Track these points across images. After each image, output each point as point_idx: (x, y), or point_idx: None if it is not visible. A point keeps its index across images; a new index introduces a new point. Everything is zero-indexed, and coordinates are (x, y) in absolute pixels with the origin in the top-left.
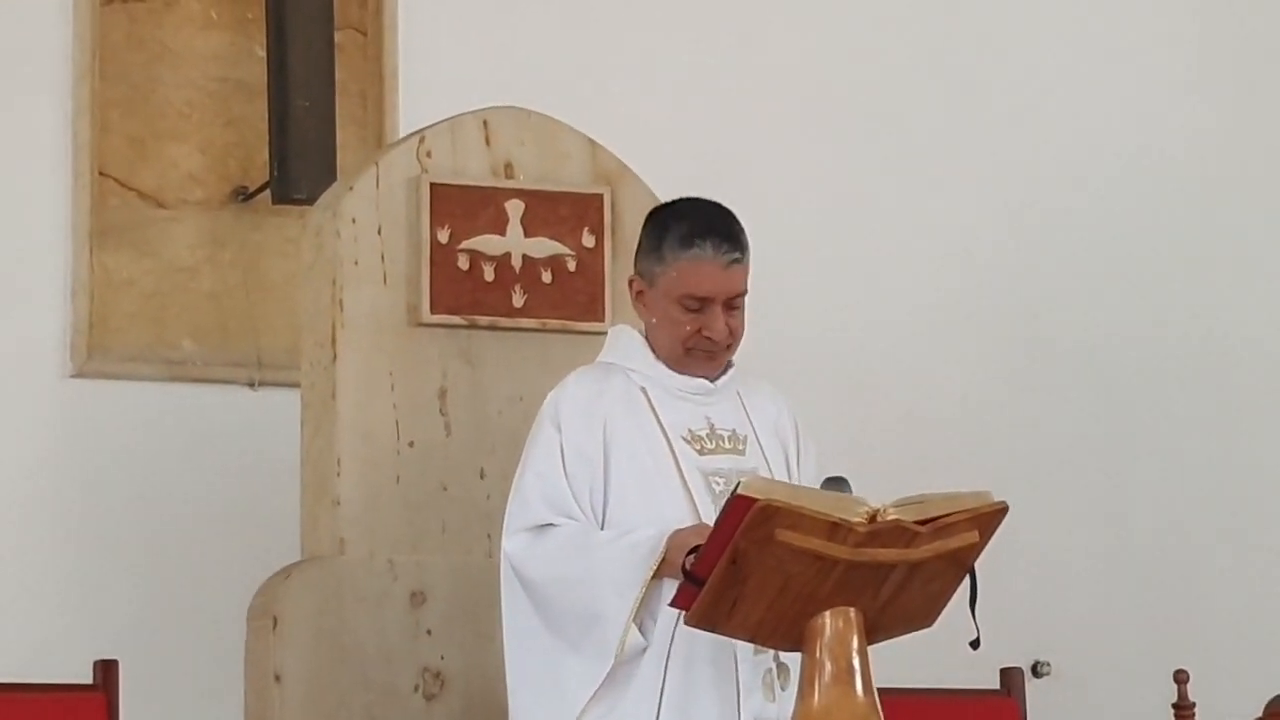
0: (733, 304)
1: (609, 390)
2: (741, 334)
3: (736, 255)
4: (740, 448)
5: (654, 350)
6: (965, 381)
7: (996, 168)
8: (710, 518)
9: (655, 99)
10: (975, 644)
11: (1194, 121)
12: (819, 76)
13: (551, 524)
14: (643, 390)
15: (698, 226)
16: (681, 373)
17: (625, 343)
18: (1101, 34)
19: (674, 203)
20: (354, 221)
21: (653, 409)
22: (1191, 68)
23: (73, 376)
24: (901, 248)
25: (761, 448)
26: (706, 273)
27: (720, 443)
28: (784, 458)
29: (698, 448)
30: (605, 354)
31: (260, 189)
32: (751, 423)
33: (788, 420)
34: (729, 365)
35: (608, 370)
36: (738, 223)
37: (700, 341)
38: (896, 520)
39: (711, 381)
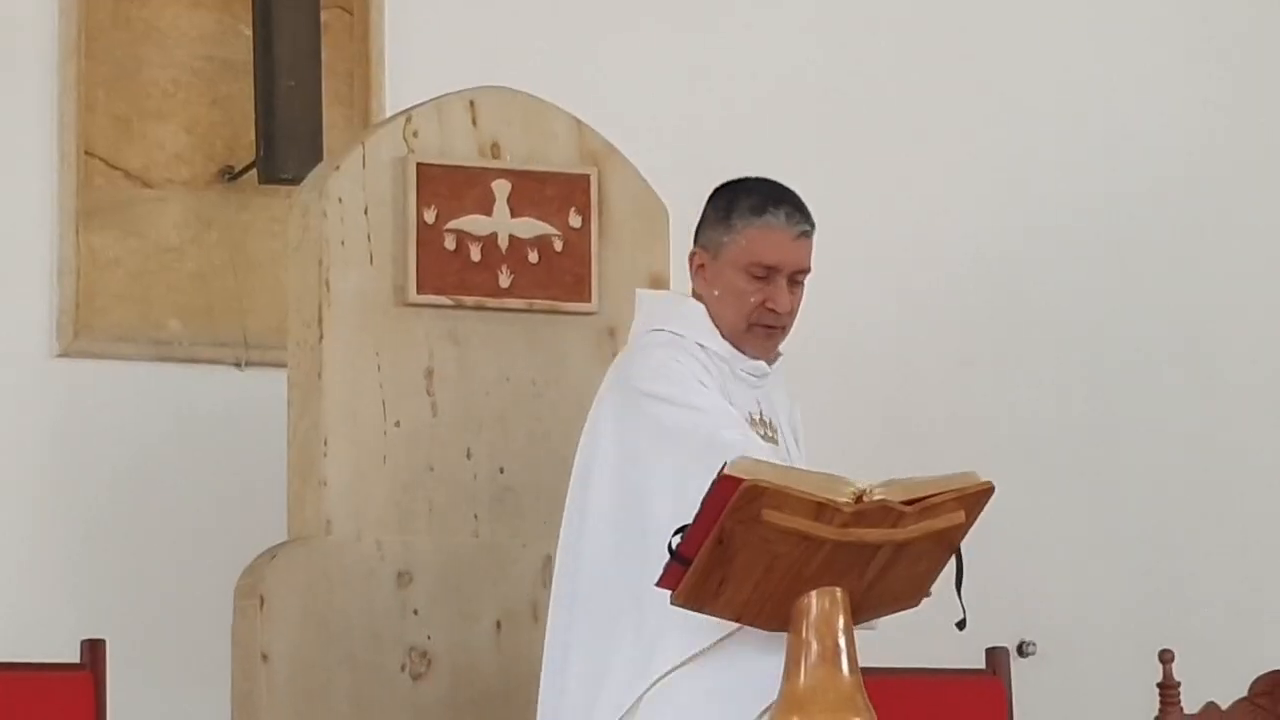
0: (796, 279)
1: (691, 357)
2: (796, 315)
3: (806, 228)
4: (775, 436)
5: (716, 326)
6: (952, 362)
7: (983, 154)
8: None
9: (643, 80)
10: (961, 624)
11: (1181, 106)
12: (807, 60)
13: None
14: (711, 365)
15: (770, 197)
16: (742, 351)
17: (691, 314)
18: (1090, 19)
19: (742, 179)
20: (340, 201)
21: (723, 386)
22: (1181, 52)
23: (59, 356)
24: (887, 233)
25: (784, 437)
26: (777, 241)
27: (766, 430)
28: (797, 447)
29: (757, 433)
30: (664, 322)
31: (246, 169)
32: (776, 411)
33: (795, 408)
34: (779, 354)
35: (679, 339)
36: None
37: (763, 315)
38: (883, 500)
39: (769, 365)
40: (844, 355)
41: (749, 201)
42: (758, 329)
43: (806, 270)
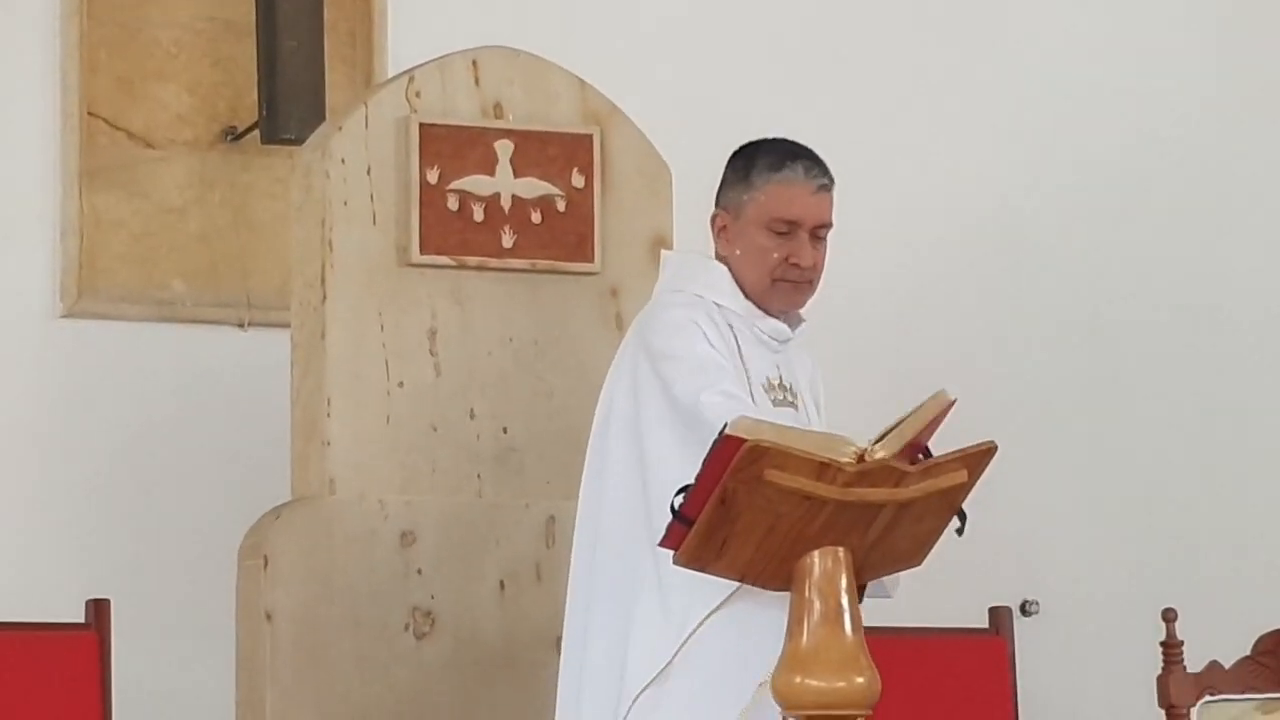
0: (818, 234)
1: (708, 318)
2: (822, 270)
3: (825, 181)
4: (795, 402)
5: (740, 287)
6: (955, 321)
7: (984, 119)
8: None
9: (645, 39)
10: (960, 530)
11: (1185, 71)
12: (809, 18)
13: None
14: (730, 327)
15: (788, 153)
16: (766, 311)
17: (712, 274)
18: None
19: (759, 139)
20: (343, 162)
21: (739, 349)
22: (1184, 11)
23: (62, 317)
24: (891, 190)
25: (804, 403)
26: (796, 195)
27: (785, 395)
28: (819, 415)
29: (773, 397)
30: (686, 283)
31: (249, 129)
32: (796, 377)
33: (817, 375)
34: (801, 320)
35: (698, 300)
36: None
37: (788, 270)
38: (884, 460)
39: (792, 330)
40: (846, 314)
41: (767, 159)
42: (783, 284)
43: (828, 224)
